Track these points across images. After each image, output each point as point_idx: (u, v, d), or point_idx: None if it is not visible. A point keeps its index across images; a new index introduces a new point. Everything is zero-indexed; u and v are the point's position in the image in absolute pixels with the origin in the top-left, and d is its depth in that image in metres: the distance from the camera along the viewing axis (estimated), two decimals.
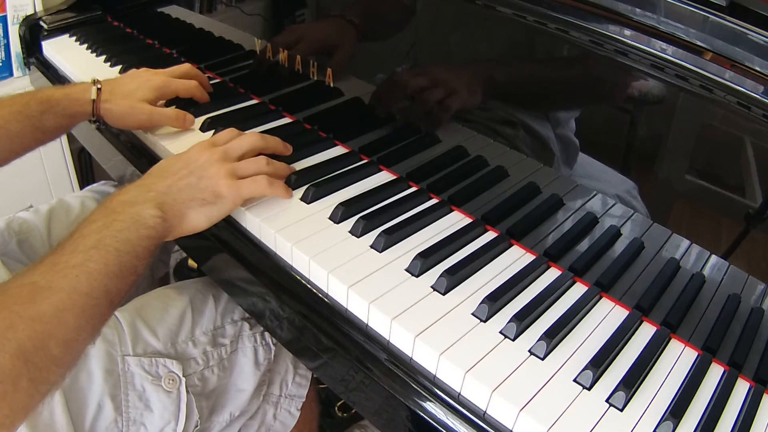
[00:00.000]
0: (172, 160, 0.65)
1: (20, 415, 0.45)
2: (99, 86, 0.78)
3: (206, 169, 0.62)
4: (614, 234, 0.63)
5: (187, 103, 0.85)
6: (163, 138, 0.80)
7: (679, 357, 0.55)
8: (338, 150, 0.79)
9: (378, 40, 0.78)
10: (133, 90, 0.80)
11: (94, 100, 0.77)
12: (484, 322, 0.55)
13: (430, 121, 0.72)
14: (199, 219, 0.61)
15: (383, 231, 0.63)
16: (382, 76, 0.76)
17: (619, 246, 0.62)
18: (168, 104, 0.86)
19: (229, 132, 0.70)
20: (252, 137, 0.69)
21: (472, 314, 0.55)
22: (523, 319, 0.54)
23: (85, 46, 1.10)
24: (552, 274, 0.62)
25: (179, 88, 0.84)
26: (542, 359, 0.52)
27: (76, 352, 0.49)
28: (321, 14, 0.84)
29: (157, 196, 0.59)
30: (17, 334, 0.44)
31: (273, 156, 0.70)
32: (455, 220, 0.68)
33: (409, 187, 0.73)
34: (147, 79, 0.81)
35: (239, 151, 0.66)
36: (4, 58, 1.39)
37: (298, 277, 0.61)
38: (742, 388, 0.53)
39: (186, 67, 0.87)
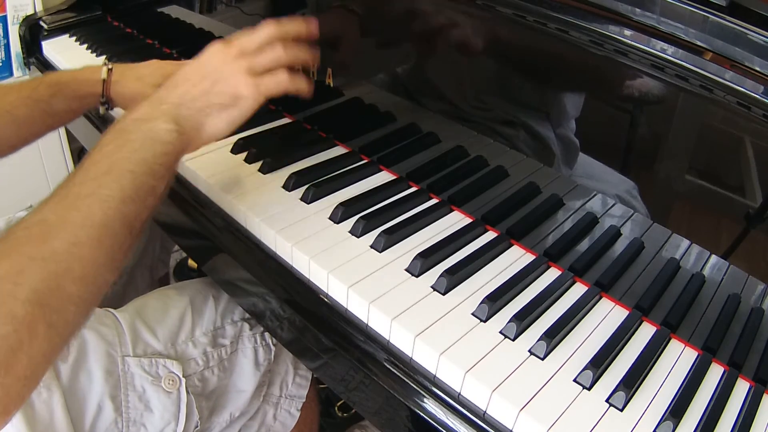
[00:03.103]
0: (185, 67, 0.59)
1: (42, 364, 0.42)
2: (110, 66, 0.77)
3: (221, 71, 0.58)
4: (614, 234, 0.63)
5: None
6: None
7: (679, 357, 0.55)
8: (338, 150, 0.79)
9: (380, 34, 0.78)
10: (145, 75, 0.79)
11: (104, 80, 0.76)
12: (484, 322, 0.55)
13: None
14: (218, 125, 0.57)
15: (383, 231, 0.63)
16: (383, 76, 0.77)
17: (619, 246, 0.62)
18: None
19: (245, 31, 0.63)
20: (268, 28, 0.61)
21: (472, 314, 0.55)
22: (523, 319, 0.54)
23: (85, 46, 1.10)
24: (552, 274, 0.62)
25: None
26: (542, 359, 0.52)
27: (95, 288, 0.46)
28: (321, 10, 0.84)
29: (170, 108, 0.55)
30: (29, 277, 0.41)
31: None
32: (455, 220, 0.68)
33: (409, 187, 0.73)
34: (159, 66, 0.80)
35: (255, 45, 0.60)
36: (4, 58, 1.39)
37: (299, 277, 0.61)
38: (742, 388, 0.53)
39: None
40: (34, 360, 0.41)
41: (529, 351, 0.52)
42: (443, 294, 0.57)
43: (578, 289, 0.60)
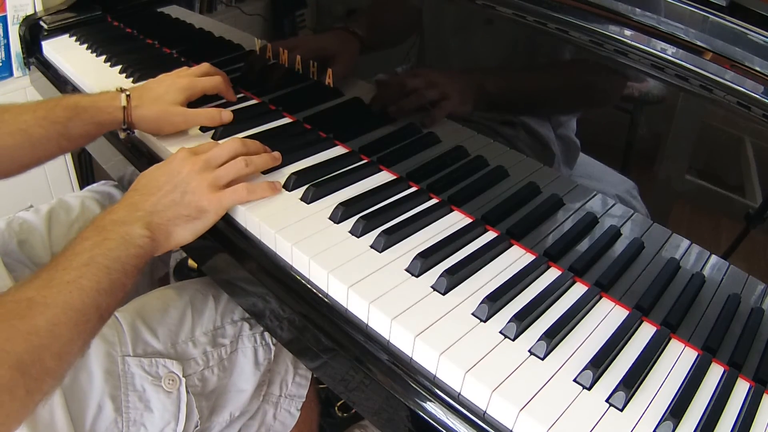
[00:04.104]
0: (156, 172, 0.66)
1: (15, 422, 0.47)
2: (127, 93, 0.77)
3: (189, 183, 0.64)
4: (614, 234, 0.62)
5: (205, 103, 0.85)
6: (162, 138, 0.80)
7: (679, 357, 0.55)
8: (338, 150, 0.79)
9: (382, 48, 0.78)
10: (161, 94, 0.79)
11: (125, 107, 0.76)
12: (484, 322, 0.55)
13: (420, 120, 0.73)
14: (184, 235, 0.63)
15: (383, 231, 0.63)
16: (383, 76, 0.76)
17: (619, 246, 0.62)
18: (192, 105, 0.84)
19: (210, 143, 0.71)
20: (232, 144, 0.69)
21: (472, 314, 0.55)
22: (523, 319, 0.54)
23: (85, 46, 1.10)
24: (552, 274, 0.62)
25: (206, 85, 0.83)
26: (542, 359, 0.52)
27: (67, 363, 0.52)
28: (321, 16, 0.84)
29: (144, 215, 0.61)
30: (15, 347, 0.47)
31: None
32: (455, 220, 0.68)
33: (409, 187, 0.73)
34: (173, 82, 0.81)
35: (220, 160, 0.67)
36: (4, 58, 1.39)
37: (298, 277, 0.61)
38: (742, 388, 0.53)
39: (205, 66, 0.87)
40: (9, 418, 0.46)
41: (529, 351, 0.52)
42: (443, 294, 0.57)
43: (578, 289, 0.60)
